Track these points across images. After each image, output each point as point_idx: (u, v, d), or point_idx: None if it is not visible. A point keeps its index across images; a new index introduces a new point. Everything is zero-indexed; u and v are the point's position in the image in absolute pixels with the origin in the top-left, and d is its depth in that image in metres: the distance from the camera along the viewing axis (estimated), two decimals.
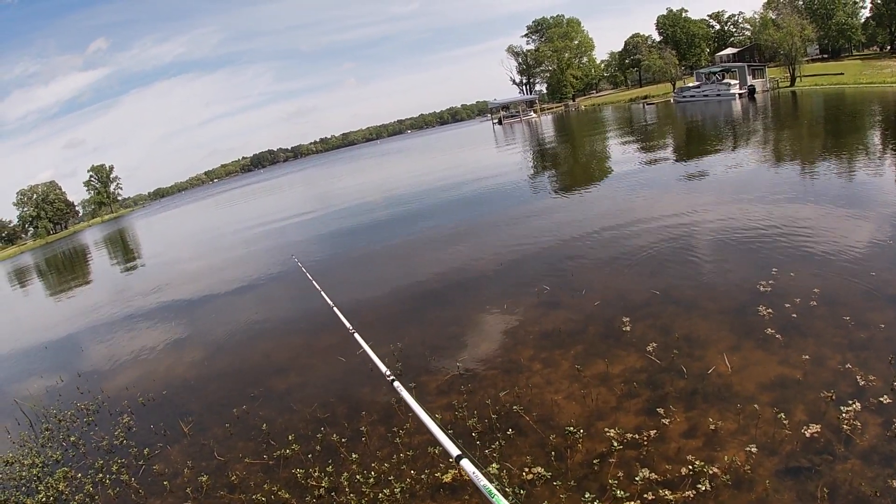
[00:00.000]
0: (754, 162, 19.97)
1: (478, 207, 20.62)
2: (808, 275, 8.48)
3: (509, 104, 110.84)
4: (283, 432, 7.03)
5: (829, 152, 19.53)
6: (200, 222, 54.05)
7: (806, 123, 31.00)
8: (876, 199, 12.48)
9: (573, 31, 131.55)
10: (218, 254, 26.21)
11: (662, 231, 12.21)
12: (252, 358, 10.21)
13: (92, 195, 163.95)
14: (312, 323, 11.26)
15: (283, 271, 16.94)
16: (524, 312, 9.20)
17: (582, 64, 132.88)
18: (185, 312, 14.94)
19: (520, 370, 7.20)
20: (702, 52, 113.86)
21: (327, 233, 23.23)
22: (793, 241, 10.12)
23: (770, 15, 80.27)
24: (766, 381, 5.98)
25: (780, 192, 14.05)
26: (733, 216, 12.37)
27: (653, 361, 6.71)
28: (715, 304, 8.06)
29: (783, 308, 7.47)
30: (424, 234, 17.87)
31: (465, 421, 6.26)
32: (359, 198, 34.48)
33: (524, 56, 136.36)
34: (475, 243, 14.61)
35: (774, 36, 66.77)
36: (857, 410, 5.21)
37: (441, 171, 38.84)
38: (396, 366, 8.12)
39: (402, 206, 25.58)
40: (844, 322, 6.87)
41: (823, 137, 24.50)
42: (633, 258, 10.77)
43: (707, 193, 15.79)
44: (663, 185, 18.52)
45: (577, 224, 14.29)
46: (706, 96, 64.40)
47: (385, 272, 13.97)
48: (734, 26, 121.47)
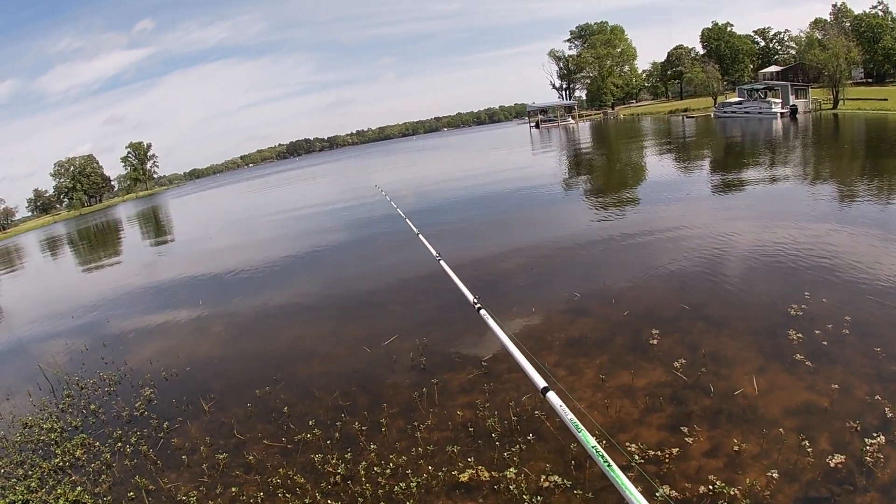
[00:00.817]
0: (792, 182, 19.69)
1: (511, 209, 20.60)
2: (841, 301, 8.35)
3: (547, 108, 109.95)
4: (304, 417, 7.09)
5: (868, 178, 19.18)
6: (235, 204, 54.61)
7: (847, 147, 30.49)
8: None
9: (616, 38, 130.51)
10: (250, 235, 26.52)
11: (696, 245, 12.09)
12: (278, 342, 10.30)
13: (128, 171, 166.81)
14: (340, 311, 11.36)
15: (315, 259, 17.10)
16: (552, 317, 9.17)
17: (623, 72, 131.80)
18: (214, 291, 15.13)
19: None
20: (745, 68, 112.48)
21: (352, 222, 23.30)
22: (827, 266, 9.97)
23: (816, 35, 78.99)
24: (792, 407, 5.91)
25: (816, 215, 13.84)
26: (768, 236, 12.20)
27: (679, 377, 6.66)
28: (745, 324, 7.97)
29: (813, 333, 7.37)
30: (447, 232, 17.76)
31: (484, 421, 6.25)
32: (392, 192, 34.62)
33: (565, 61, 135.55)
34: (506, 244, 14.55)
35: (819, 56, 65.64)
36: (881, 443, 5.13)
37: (477, 171, 38.74)
38: (420, 359, 8.18)
39: (433, 203, 25.55)
40: (875, 352, 6.77)
41: (863, 162, 24.05)
42: (664, 271, 10.68)
43: (743, 211, 15.60)
44: (699, 199, 18.31)
45: (610, 233, 14.18)
46: (747, 113, 63.48)
47: (415, 265, 13.92)
48: (779, 44, 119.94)
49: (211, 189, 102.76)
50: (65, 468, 7.02)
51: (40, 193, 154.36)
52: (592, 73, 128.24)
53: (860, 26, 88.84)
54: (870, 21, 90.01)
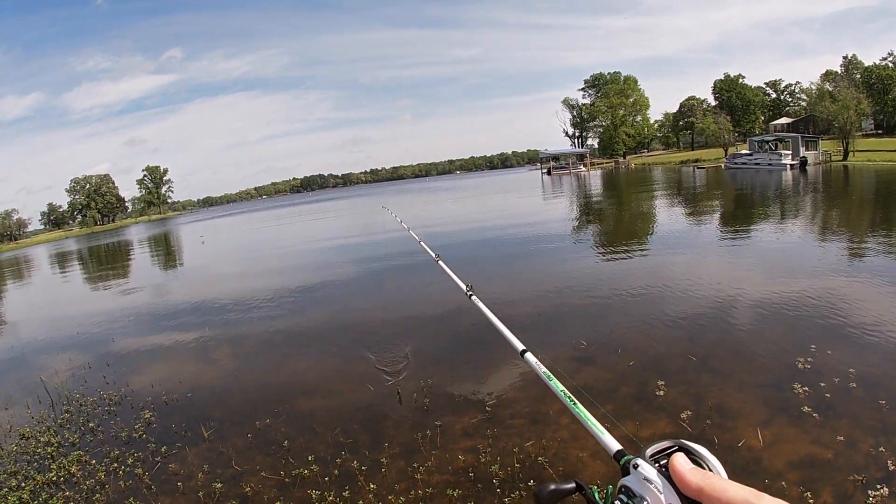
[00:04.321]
0: (800, 235, 19.74)
1: (518, 255, 20.60)
2: (848, 354, 8.33)
3: (559, 155, 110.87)
4: (303, 452, 7.05)
5: (877, 231, 19.19)
6: (250, 233, 54.81)
7: (855, 199, 30.61)
8: None
9: (630, 88, 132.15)
10: (262, 265, 26.65)
11: (703, 296, 12.06)
12: (280, 375, 10.28)
13: (143, 194, 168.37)
14: (345, 349, 11.29)
15: (324, 292, 17.15)
16: (557, 364, 9.04)
17: (636, 122, 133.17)
18: (222, 318, 15.11)
19: (547, 422, 7.10)
20: (756, 120, 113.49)
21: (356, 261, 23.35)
22: (834, 319, 9.96)
23: (827, 87, 79.54)
24: (795, 459, 5.86)
25: (824, 268, 13.83)
26: (775, 288, 12.19)
27: (684, 428, 6.60)
28: (751, 377, 7.92)
29: (819, 386, 7.33)
30: (462, 272, 17.83)
31: (487, 466, 6.19)
32: (403, 229, 34.68)
33: (579, 109, 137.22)
34: (513, 289, 14.55)
35: (830, 108, 66.06)
36: (884, 496, 5.12)
37: (488, 215, 38.94)
38: (424, 400, 8.13)
39: (443, 243, 25.52)
40: (880, 405, 6.74)
41: (871, 214, 24.11)
42: (671, 321, 10.63)
43: (750, 262, 15.62)
44: (708, 250, 18.34)
45: (617, 281, 14.16)
46: (758, 165, 63.83)
47: (423, 305, 13.98)
48: (790, 96, 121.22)
49: (226, 216, 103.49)
50: (59, 483, 7.01)
51: (54, 208, 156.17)
52: (605, 121, 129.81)
53: (870, 78, 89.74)
54: (880, 73, 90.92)
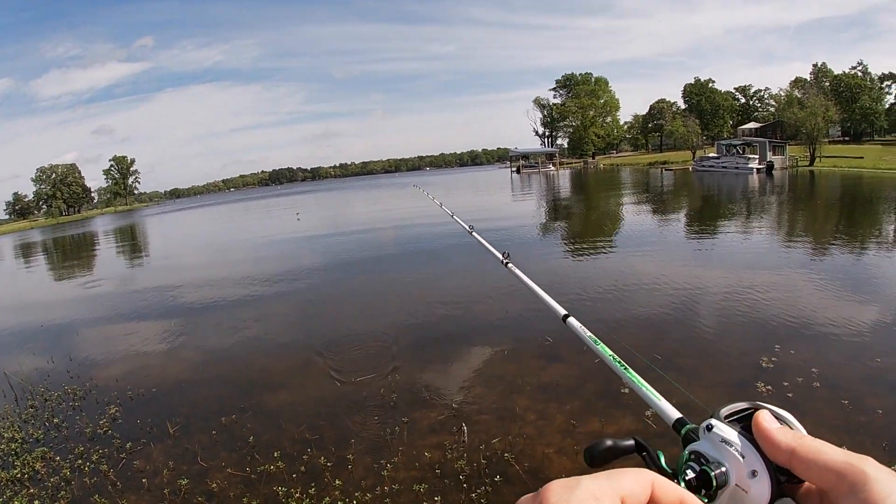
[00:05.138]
0: (765, 236, 20.08)
1: (481, 252, 20.58)
2: (811, 354, 8.48)
3: (529, 154, 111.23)
4: (269, 448, 6.96)
5: (841, 234, 19.55)
6: (219, 226, 54.19)
7: (820, 204, 31.16)
8: (885, 286, 12.50)
9: (600, 89, 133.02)
10: (227, 261, 26.27)
11: (670, 297, 12.19)
12: (247, 370, 10.15)
13: (109, 184, 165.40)
14: (312, 344, 11.18)
15: (292, 286, 16.99)
16: (524, 361, 9.13)
17: (605, 123, 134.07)
18: (187, 315, 14.89)
19: (513, 419, 7.12)
20: (724, 124, 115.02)
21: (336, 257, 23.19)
22: (797, 319, 10.12)
23: (796, 93, 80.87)
24: None
25: (788, 269, 14.09)
26: (740, 289, 12.36)
27: (649, 426, 6.64)
28: (717, 375, 8.02)
29: (783, 385, 7.44)
30: (428, 270, 17.88)
31: (454, 462, 6.18)
32: (369, 224, 34.59)
33: (549, 109, 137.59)
34: (482, 284, 14.53)
35: (798, 114, 67.14)
36: None
37: (462, 211, 38.84)
38: (392, 396, 8.09)
39: (412, 243, 25.41)
40: (844, 405, 6.86)
41: (836, 219, 24.58)
42: (638, 320, 10.75)
43: (716, 263, 15.82)
44: (674, 251, 18.56)
45: (584, 281, 14.24)
46: (725, 168, 64.77)
47: (387, 303, 13.94)
48: (759, 101, 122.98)
49: (193, 209, 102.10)
50: (23, 480, 6.86)
51: (20, 197, 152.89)
52: (575, 122, 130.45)
53: (839, 86, 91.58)
54: (849, 81, 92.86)
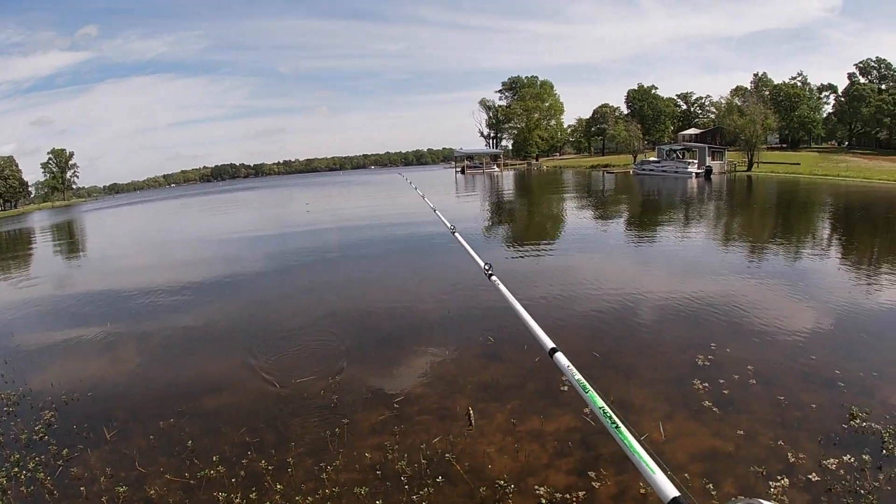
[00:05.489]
0: (700, 238, 20.76)
1: (429, 250, 20.58)
2: (746, 351, 8.77)
3: (474, 155, 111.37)
4: (208, 452, 6.82)
5: (776, 237, 20.19)
6: (159, 224, 52.97)
7: (756, 207, 32.18)
8: (818, 287, 12.95)
9: (545, 93, 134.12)
10: (169, 257, 25.74)
11: (609, 297, 12.44)
12: (186, 371, 9.92)
13: (47, 178, 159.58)
14: (252, 345, 10.94)
15: (233, 285, 16.69)
16: (465, 361, 9.16)
17: (549, 126, 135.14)
18: (125, 313, 14.41)
19: (454, 418, 7.14)
20: (666, 129, 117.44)
21: (280, 253, 22.86)
22: (733, 318, 10.46)
23: (736, 101, 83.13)
24: (697, 452, 6.08)
25: (725, 271, 14.52)
26: (677, 288, 12.69)
27: (587, 423, 6.74)
28: (653, 373, 8.19)
29: (719, 382, 7.66)
30: (370, 270, 17.70)
31: (395, 463, 6.16)
32: (311, 224, 34.25)
33: (495, 111, 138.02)
34: (423, 286, 14.55)
35: (738, 122, 69.17)
36: (785, 486, 5.38)
37: (405, 210, 38.68)
38: (332, 397, 8.01)
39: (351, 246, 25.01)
40: (779, 401, 7.11)
41: (772, 222, 25.42)
42: (577, 320, 10.91)
43: (655, 264, 16.24)
44: (614, 252, 18.94)
45: (525, 282, 14.33)
46: (664, 172, 66.33)
47: (328, 302, 13.78)
48: (700, 108, 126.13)
49: (134, 205, 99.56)
50: None
51: None
52: (520, 124, 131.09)
53: (778, 95, 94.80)
54: (788, 91, 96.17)
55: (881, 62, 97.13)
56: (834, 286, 13.12)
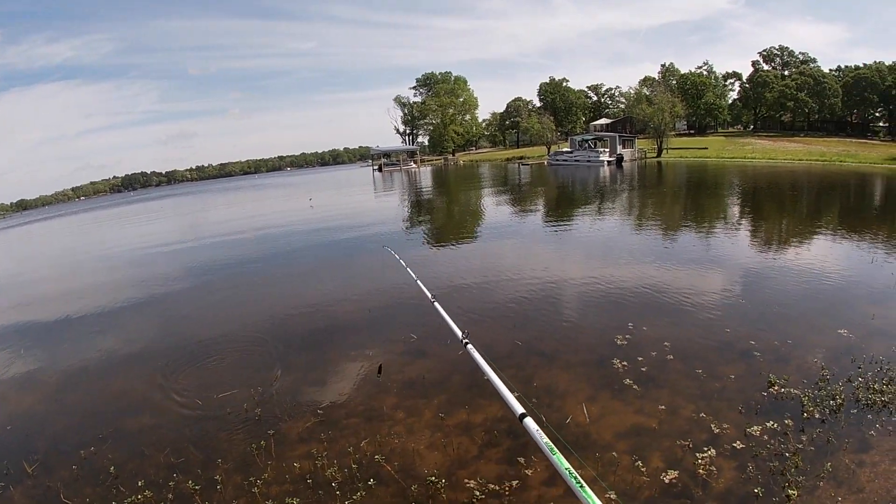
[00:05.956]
0: (614, 223, 21.39)
1: (349, 253, 20.37)
2: (662, 329, 9.10)
3: (391, 152, 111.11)
4: (134, 477, 6.57)
5: (686, 218, 20.96)
6: (67, 242, 50.92)
7: (667, 191, 33.34)
8: (730, 263, 13.53)
9: (459, 88, 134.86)
10: (79, 278, 24.65)
11: (527, 285, 12.66)
12: (105, 395, 9.47)
13: None
14: (170, 362, 10.55)
15: (151, 300, 16.12)
16: (389, 360, 9.08)
17: (464, 121, 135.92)
18: (38, 337, 13.68)
19: (382, 419, 7.10)
20: (577, 120, 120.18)
21: (194, 265, 22.28)
22: (649, 298, 10.84)
23: (644, 91, 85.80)
24: (622, 430, 6.23)
25: (638, 253, 15.03)
26: (594, 273, 13.03)
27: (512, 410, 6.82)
28: (575, 357, 8.37)
29: (638, 360, 7.90)
30: (290, 276, 17.41)
31: (324, 470, 6.07)
32: (229, 232, 33.54)
33: (410, 107, 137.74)
34: (345, 289, 14.38)
35: (647, 110, 71.65)
36: (712, 456, 5.59)
37: (318, 214, 38.19)
38: (255, 410, 7.84)
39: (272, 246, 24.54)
40: (697, 374, 7.39)
41: (682, 204, 26.37)
42: (498, 310, 11.03)
43: (572, 251, 16.65)
44: (531, 241, 19.29)
45: (445, 275, 14.43)
46: (577, 161, 68.06)
47: (248, 312, 13.49)
48: (610, 99, 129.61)
49: (44, 221, 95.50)
50: None
51: None
52: (435, 120, 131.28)
53: (686, 84, 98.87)
54: (694, 79, 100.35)
55: (784, 50, 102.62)
56: (744, 261, 13.73)
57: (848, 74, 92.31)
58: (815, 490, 5.16)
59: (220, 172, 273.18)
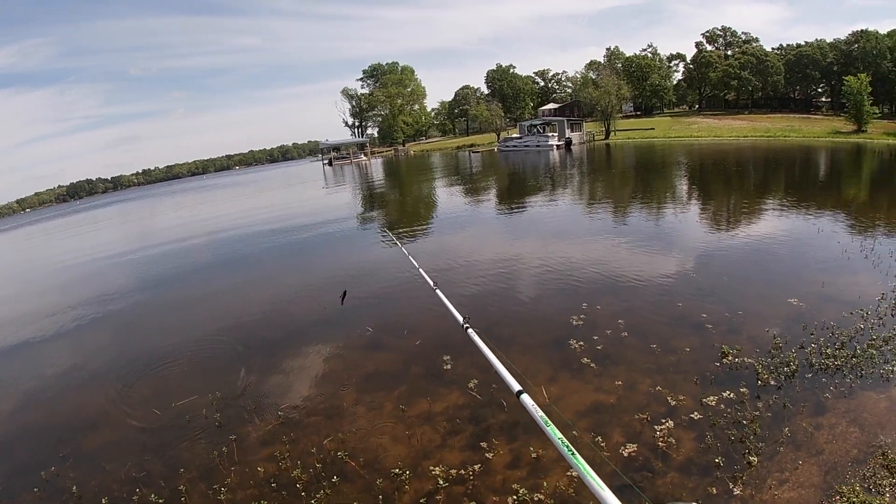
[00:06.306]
0: (565, 205, 21.76)
1: (299, 251, 20.07)
2: (616, 307, 9.31)
3: (340, 146, 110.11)
4: (97, 495, 6.42)
5: (635, 196, 21.31)
6: (10, 258, 49.57)
7: (615, 172, 33.97)
8: (680, 238, 13.80)
9: (407, 78, 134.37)
10: (27, 295, 23.97)
11: (483, 272, 12.78)
12: (62, 413, 9.20)
13: None
14: (124, 372, 10.35)
15: (100, 313, 15.75)
16: (347, 355, 9.08)
17: (413, 111, 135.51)
18: None
19: (343, 415, 7.09)
20: (526, 106, 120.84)
21: (147, 274, 21.86)
22: (602, 277, 11.06)
23: (590, 75, 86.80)
24: (582, 409, 6.34)
25: (589, 233, 15.36)
26: (548, 255, 13.22)
27: (474, 397, 6.88)
28: (532, 339, 8.47)
29: (593, 339, 8.03)
30: (244, 278, 17.17)
31: (289, 472, 6.04)
32: (179, 235, 33.02)
33: (358, 99, 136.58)
34: (299, 287, 14.22)
35: (593, 94, 72.70)
36: (670, 428, 5.73)
37: (268, 213, 37.70)
38: (215, 416, 7.74)
39: (225, 247, 24.01)
40: (652, 349, 7.55)
41: (631, 184, 26.85)
42: (454, 298, 10.95)
43: (525, 234, 16.83)
44: (485, 227, 19.49)
45: (400, 265, 14.36)
46: (527, 146, 68.70)
47: (206, 317, 13.28)
48: (557, 84, 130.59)
49: None
50: None
51: None
52: (384, 111, 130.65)
53: (631, 66, 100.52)
54: (639, 62, 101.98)
55: (727, 30, 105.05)
56: (694, 237, 14.02)
57: (790, 52, 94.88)
58: (776, 455, 5.31)
59: (167, 175, 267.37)
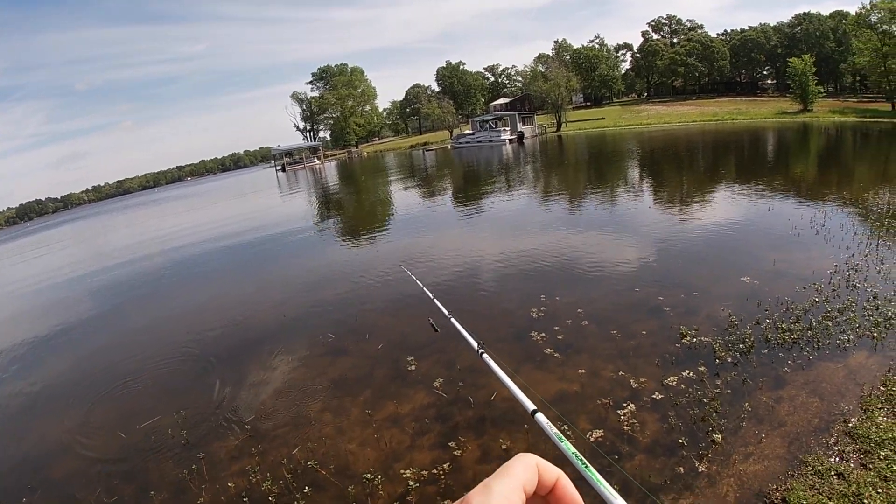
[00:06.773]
0: (520, 199, 21.81)
1: (256, 260, 19.88)
2: (574, 297, 9.47)
3: (293, 151, 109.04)
4: None
5: (589, 187, 21.56)
6: None
7: (569, 163, 34.14)
8: (634, 225, 14.00)
9: (357, 79, 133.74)
10: None
11: (444, 268, 12.88)
12: (27, 441, 8.96)
13: None
14: (86, 395, 10.10)
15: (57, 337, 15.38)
16: (310, 363, 9.04)
17: (365, 112, 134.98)
18: None
19: (310, 424, 7.06)
20: (477, 102, 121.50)
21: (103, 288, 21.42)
22: (559, 268, 11.23)
23: (539, 68, 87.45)
24: (548, 398, 6.43)
25: (545, 225, 15.53)
26: (506, 249, 13.36)
27: (440, 396, 6.93)
28: (494, 334, 8.56)
29: (554, 330, 8.12)
30: (201, 293, 16.92)
31: (260, 485, 6.00)
32: (134, 252, 32.45)
33: (308, 103, 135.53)
34: (256, 298, 14.06)
35: (543, 87, 73.30)
36: (633, 411, 5.88)
37: (220, 224, 37.21)
38: (182, 434, 7.63)
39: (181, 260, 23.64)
40: (612, 335, 7.69)
41: (584, 174, 27.15)
42: (413, 300, 11.05)
43: (483, 230, 16.93)
44: (444, 224, 19.56)
45: (356, 269, 14.46)
46: (480, 142, 69.18)
47: (162, 335, 13.04)
48: (507, 78, 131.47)
49: None
50: None
51: None
52: (335, 113, 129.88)
53: (579, 58, 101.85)
54: (587, 53, 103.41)
55: (672, 18, 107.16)
56: (647, 223, 14.28)
57: (735, 37, 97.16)
58: (739, 431, 5.45)
59: (117, 190, 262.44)
